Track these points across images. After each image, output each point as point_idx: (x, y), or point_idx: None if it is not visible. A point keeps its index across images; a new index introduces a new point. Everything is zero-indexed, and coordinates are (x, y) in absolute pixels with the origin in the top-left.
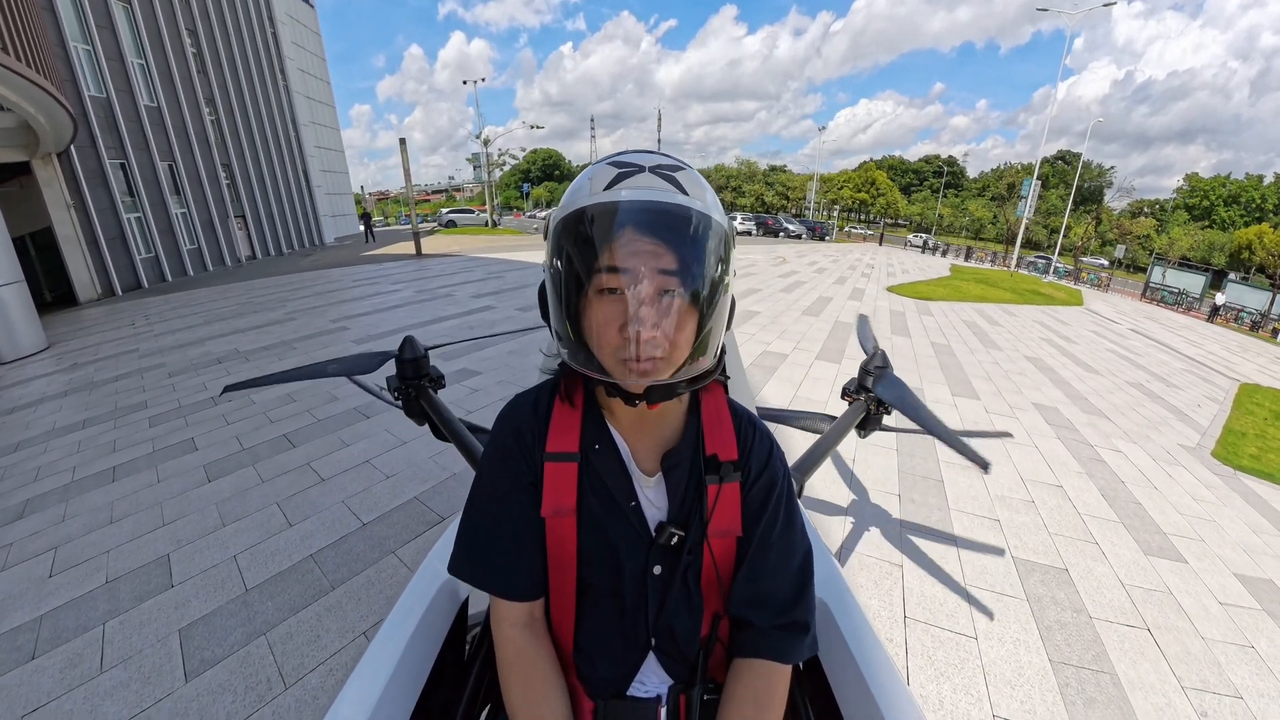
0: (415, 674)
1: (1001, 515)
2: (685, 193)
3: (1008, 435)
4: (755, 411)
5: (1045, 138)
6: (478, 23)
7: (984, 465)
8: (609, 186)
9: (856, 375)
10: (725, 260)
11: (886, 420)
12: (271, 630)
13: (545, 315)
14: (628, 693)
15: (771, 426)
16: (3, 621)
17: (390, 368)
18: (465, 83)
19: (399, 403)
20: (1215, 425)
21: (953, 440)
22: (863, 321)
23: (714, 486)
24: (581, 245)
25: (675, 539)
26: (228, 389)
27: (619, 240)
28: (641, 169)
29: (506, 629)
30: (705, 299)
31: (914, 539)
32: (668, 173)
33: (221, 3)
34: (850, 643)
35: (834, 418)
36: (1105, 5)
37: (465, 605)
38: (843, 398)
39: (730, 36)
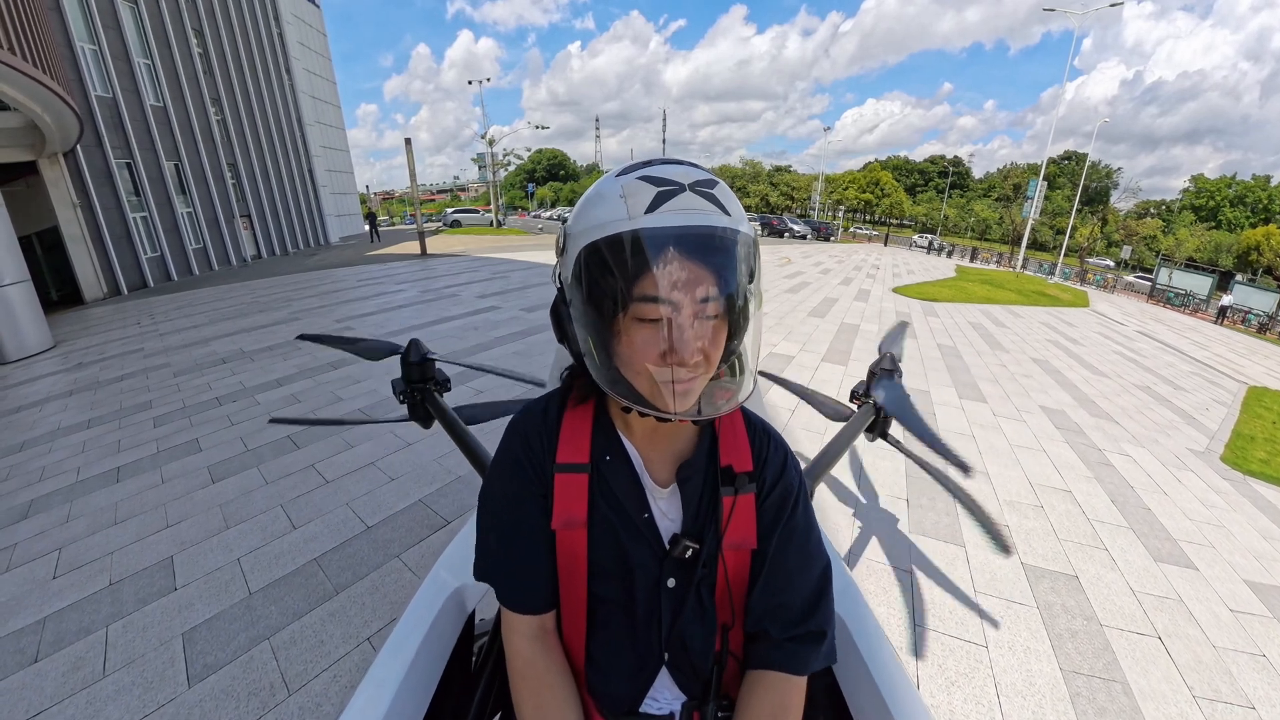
0: (424, 684)
1: (1010, 520)
2: (727, 212)
3: (1006, 554)
4: (765, 391)
5: (1052, 138)
6: (486, 21)
7: (965, 468)
8: (650, 209)
9: (865, 378)
10: (757, 273)
11: (894, 433)
12: (275, 635)
13: (560, 335)
14: (640, 709)
15: (779, 429)
16: (6, 623)
17: (396, 370)
18: (470, 83)
19: (404, 406)
20: (1224, 429)
21: (939, 448)
22: (901, 328)
23: (729, 498)
24: (622, 271)
25: (689, 552)
26: (274, 420)
27: (667, 269)
28: (681, 187)
29: (517, 641)
30: (747, 318)
31: (923, 545)
32: (706, 189)
33: (228, 2)
34: (865, 655)
35: (846, 405)
36: (1112, 5)
37: (473, 615)
38: (851, 400)
39: (739, 36)
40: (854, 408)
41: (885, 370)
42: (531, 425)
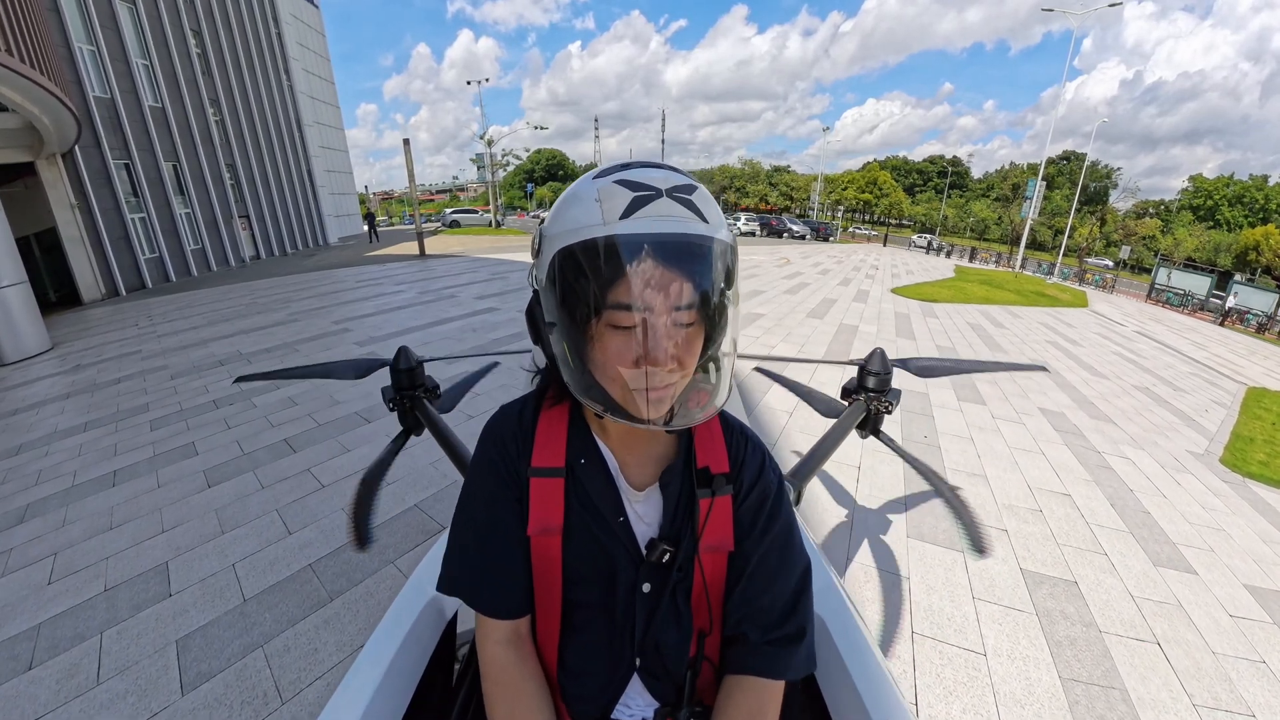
0: (400, 692)
1: (1009, 525)
2: (705, 219)
3: (1042, 368)
4: (743, 411)
5: (1051, 138)
6: (486, 21)
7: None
8: (625, 214)
9: (856, 375)
10: (734, 279)
11: (887, 427)
12: (269, 642)
13: (535, 337)
14: (612, 716)
15: (767, 434)
16: (1, 629)
17: (386, 378)
18: (470, 83)
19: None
20: (1223, 431)
21: (989, 365)
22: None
23: (705, 500)
24: (596, 277)
25: (666, 555)
26: (240, 379)
27: (642, 276)
28: (659, 192)
29: (491, 646)
30: (722, 326)
31: (920, 550)
32: (684, 195)
33: (226, 3)
34: (846, 659)
35: (841, 402)
36: (1112, 5)
37: (454, 624)
38: (842, 398)
39: (739, 36)
40: (845, 404)
41: (876, 372)
42: (507, 428)
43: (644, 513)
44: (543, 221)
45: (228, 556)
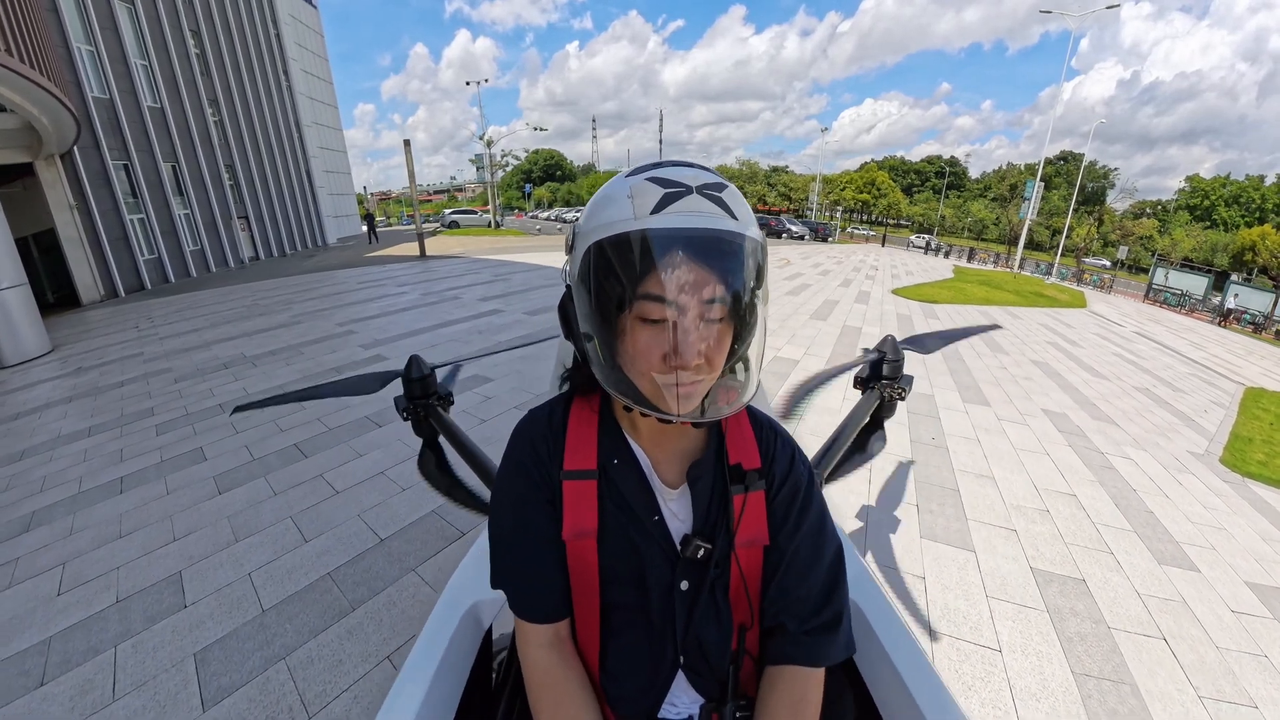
0: (445, 706)
1: (1018, 525)
2: (734, 216)
3: (997, 327)
4: (772, 406)
5: (1049, 138)
6: (484, 21)
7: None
8: (656, 209)
9: (868, 365)
10: (764, 277)
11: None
12: (291, 654)
13: (567, 332)
14: (659, 715)
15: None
16: (10, 643)
17: (397, 387)
18: (468, 84)
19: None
20: (1222, 431)
21: (961, 333)
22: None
23: (739, 496)
24: (626, 270)
25: (702, 552)
26: (238, 409)
27: (671, 269)
28: (689, 189)
29: (532, 650)
30: (751, 323)
31: (934, 550)
32: (714, 193)
33: (225, 4)
34: (885, 642)
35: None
36: (1109, 7)
37: (490, 632)
38: (855, 387)
39: (737, 37)
40: (859, 387)
41: (886, 356)
42: (537, 431)
43: (678, 510)
44: (576, 220)
45: (243, 565)
